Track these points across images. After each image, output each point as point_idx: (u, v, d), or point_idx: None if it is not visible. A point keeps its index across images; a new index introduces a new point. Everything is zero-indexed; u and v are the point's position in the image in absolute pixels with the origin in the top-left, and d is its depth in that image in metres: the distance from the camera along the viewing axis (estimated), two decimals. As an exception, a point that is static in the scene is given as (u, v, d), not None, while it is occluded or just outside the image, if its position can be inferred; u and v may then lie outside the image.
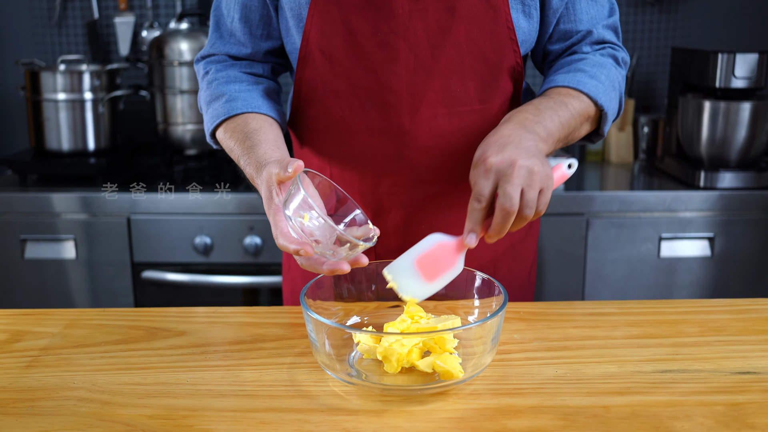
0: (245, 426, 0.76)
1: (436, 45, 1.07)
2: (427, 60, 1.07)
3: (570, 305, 1.11)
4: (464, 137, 1.10)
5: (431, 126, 1.09)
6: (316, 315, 0.82)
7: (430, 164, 1.11)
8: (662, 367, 0.88)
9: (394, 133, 1.10)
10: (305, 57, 1.10)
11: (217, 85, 1.14)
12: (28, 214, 2.15)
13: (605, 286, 2.17)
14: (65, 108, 2.31)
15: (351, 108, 1.10)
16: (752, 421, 0.76)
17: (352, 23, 1.06)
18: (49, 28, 2.65)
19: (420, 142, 1.10)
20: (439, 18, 1.06)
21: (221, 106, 1.11)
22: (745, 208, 2.15)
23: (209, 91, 1.15)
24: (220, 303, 2.18)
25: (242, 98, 1.11)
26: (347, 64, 1.08)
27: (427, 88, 1.08)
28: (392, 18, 1.06)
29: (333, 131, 1.13)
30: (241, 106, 1.10)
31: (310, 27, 1.08)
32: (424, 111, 1.09)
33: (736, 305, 1.07)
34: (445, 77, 1.08)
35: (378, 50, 1.07)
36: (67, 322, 1.03)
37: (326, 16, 1.07)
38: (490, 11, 1.06)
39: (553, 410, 0.78)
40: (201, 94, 1.18)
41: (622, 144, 2.49)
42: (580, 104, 1.06)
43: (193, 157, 2.36)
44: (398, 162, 1.11)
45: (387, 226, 1.15)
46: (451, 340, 0.88)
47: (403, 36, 1.06)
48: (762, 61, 2.13)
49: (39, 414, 0.79)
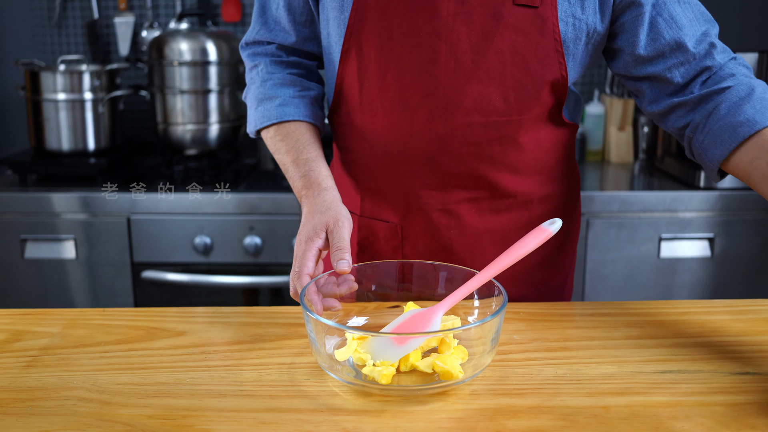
0: (245, 426, 0.76)
1: (479, 51, 1.03)
2: (468, 65, 1.04)
3: (570, 305, 1.11)
4: (499, 146, 1.09)
5: (465, 133, 1.07)
6: (317, 315, 0.83)
7: (462, 171, 1.10)
8: (662, 368, 0.88)
9: (425, 137, 1.08)
10: (346, 52, 1.09)
11: (272, 86, 1.17)
12: (28, 214, 2.15)
13: (605, 287, 2.17)
14: (65, 108, 2.31)
15: (385, 108, 1.09)
16: (752, 421, 0.76)
17: (393, 21, 1.04)
18: (49, 28, 2.65)
19: (453, 148, 1.08)
20: (484, 23, 1.02)
21: (275, 108, 1.14)
22: (745, 208, 2.15)
23: (263, 90, 1.17)
24: (220, 303, 2.18)
25: (295, 104, 1.15)
26: (384, 63, 1.06)
27: (465, 95, 1.05)
28: (436, 19, 1.03)
29: (362, 129, 1.13)
30: (293, 113, 1.14)
31: (353, 21, 1.07)
32: (460, 117, 1.06)
33: (736, 306, 1.07)
34: (484, 85, 1.05)
35: (418, 51, 1.04)
36: (67, 322, 1.03)
37: (368, 11, 1.05)
38: (538, 21, 1.02)
39: (553, 410, 0.78)
40: (252, 89, 1.20)
41: (622, 144, 2.49)
42: None
43: (193, 157, 2.36)
44: (429, 166, 1.10)
45: (416, 229, 1.15)
46: (452, 339, 0.88)
47: (446, 39, 1.03)
48: (762, 61, 2.13)
49: (39, 414, 0.79)
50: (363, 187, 1.17)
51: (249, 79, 1.22)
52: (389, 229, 1.17)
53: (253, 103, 1.18)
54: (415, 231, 1.15)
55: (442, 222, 1.14)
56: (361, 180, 1.17)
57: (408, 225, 1.15)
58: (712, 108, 1.00)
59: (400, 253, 1.17)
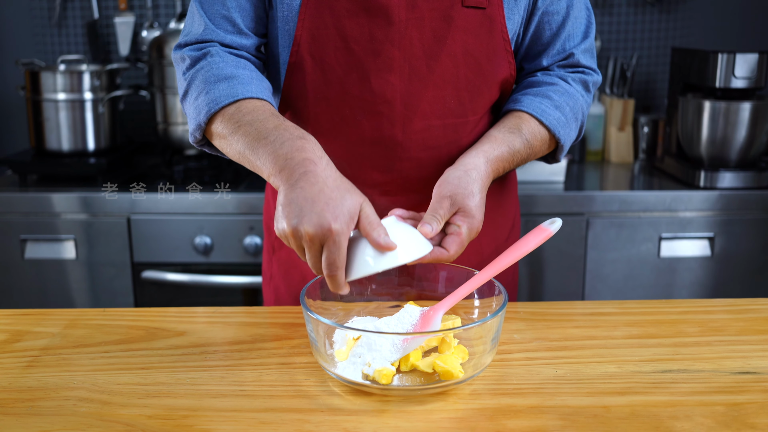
0: (245, 426, 0.76)
1: (432, 55, 1.04)
2: (423, 70, 1.05)
3: (570, 305, 1.11)
4: (456, 148, 1.09)
5: (424, 137, 1.08)
6: (317, 315, 0.82)
7: (421, 175, 1.10)
8: (662, 367, 0.88)
9: (386, 143, 1.08)
10: (296, 63, 1.06)
11: (227, 67, 1.01)
12: (28, 214, 2.15)
13: (605, 286, 2.17)
14: (65, 108, 2.30)
15: (342, 117, 1.07)
16: (752, 421, 0.76)
17: (346, 29, 1.03)
18: (49, 28, 2.65)
19: (412, 154, 1.09)
20: (436, 27, 1.04)
21: (235, 86, 0.98)
22: (745, 208, 2.15)
23: (215, 71, 1.00)
24: (220, 303, 2.18)
25: (256, 84, 1.01)
26: (339, 72, 1.05)
27: (422, 99, 1.06)
28: (388, 26, 1.03)
29: (322, 140, 1.01)
30: (257, 91, 0.99)
31: (301, 32, 1.04)
32: (418, 122, 1.07)
33: (736, 305, 1.07)
34: (439, 88, 1.06)
35: (372, 58, 1.04)
36: (67, 322, 1.03)
37: (318, 21, 1.04)
38: (486, 21, 1.05)
39: (553, 410, 0.78)
40: (199, 75, 1.02)
41: (622, 144, 2.49)
42: (538, 134, 1.08)
43: (193, 157, 2.36)
44: (389, 173, 1.10)
45: None
46: (452, 339, 0.88)
47: (399, 45, 1.03)
48: (762, 61, 2.13)
49: (39, 414, 0.79)
50: None
51: (191, 73, 1.03)
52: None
53: (202, 89, 1.00)
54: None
55: None
56: None
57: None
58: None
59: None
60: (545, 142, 1.10)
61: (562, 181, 2.21)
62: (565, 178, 2.22)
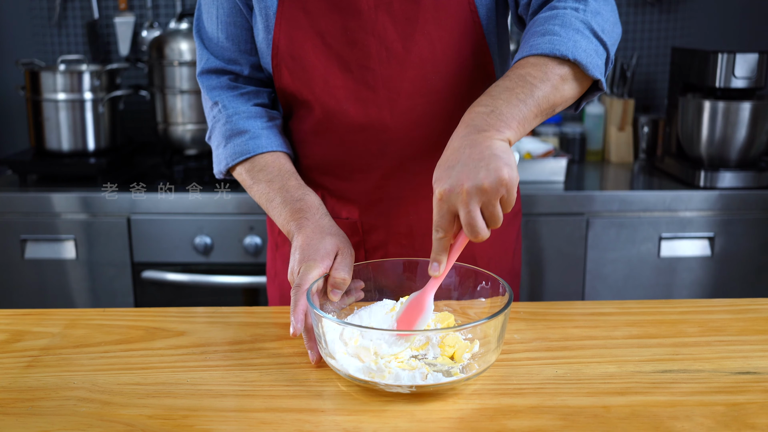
0: (245, 426, 0.76)
1: (406, 36, 1.07)
2: (400, 52, 1.07)
3: (570, 305, 1.11)
4: (444, 122, 1.09)
5: (412, 117, 1.09)
6: (321, 311, 0.83)
7: (413, 154, 1.12)
8: (662, 367, 0.88)
9: (377, 128, 1.10)
10: (278, 65, 1.10)
11: (238, 121, 1.14)
12: (28, 214, 2.15)
13: (605, 286, 2.17)
14: (65, 108, 2.30)
15: (330, 109, 1.10)
16: (752, 421, 0.76)
17: (321, 26, 1.07)
18: (49, 28, 2.65)
19: (402, 134, 1.10)
20: (405, 9, 1.06)
21: (246, 142, 1.12)
22: (745, 208, 2.15)
23: (229, 126, 1.14)
24: (220, 303, 2.18)
25: (266, 135, 1.13)
26: (321, 67, 1.08)
27: (404, 80, 1.08)
28: (358, 15, 1.06)
29: (317, 133, 1.14)
30: (266, 144, 1.13)
31: (278, 36, 1.09)
32: (403, 103, 1.09)
33: (736, 305, 1.07)
34: (419, 67, 1.08)
35: (349, 49, 1.07)
36: (67, 322, 1.03)
37: (293, 22, 1.08)
38: None
39: (553, 410, 0.78)
40: (217, 127, 1.16)
41: (622, 144, 2.49)
42: (534, 64, 0.94)
43: (193, 157, 2.36)
44: (383, 157, 1.12)
45: (374, 220, 1.17)
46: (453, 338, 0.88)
47: (372, 31, 1.06)
48: (762, 61, 2.13)
49: (39, 414, 0.79)
50: (321, 187, 1.18)
51: (212, 117, 1.18)
52: (349, 226, 1.17)
53: (221, 141, 1.15)
54: (374, 223, 1.17)
55: (401, 209, 1.15)
56: (318, 181, 1.18)
57: (368, 219, 1.16)
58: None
59: (362, 247, 1.18)
60: (550, 68, 0.94)
61: (562, 181, 2.21)
62: (565, 178, 2.22)
